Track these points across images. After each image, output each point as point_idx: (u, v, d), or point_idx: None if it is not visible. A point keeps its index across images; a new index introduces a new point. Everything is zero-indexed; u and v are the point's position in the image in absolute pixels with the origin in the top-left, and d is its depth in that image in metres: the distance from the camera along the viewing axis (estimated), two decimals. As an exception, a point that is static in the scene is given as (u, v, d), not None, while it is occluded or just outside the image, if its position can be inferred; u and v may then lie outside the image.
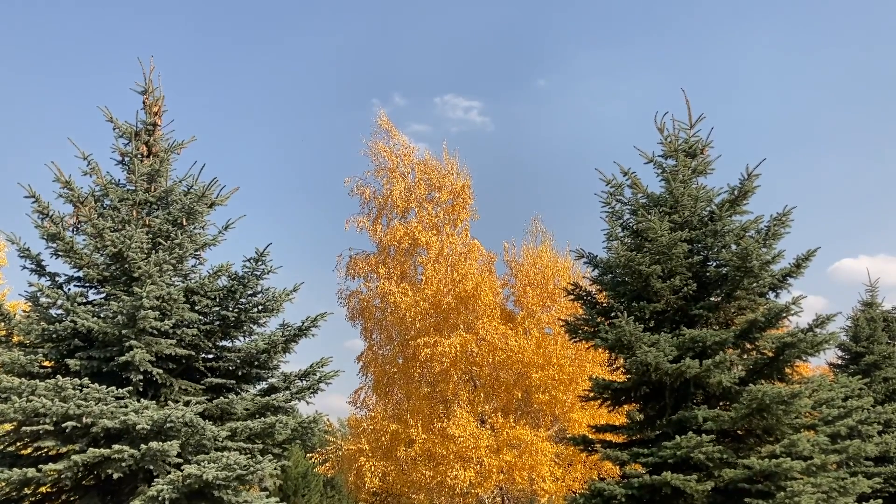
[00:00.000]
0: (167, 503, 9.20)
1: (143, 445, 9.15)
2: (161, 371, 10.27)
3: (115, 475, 9.31)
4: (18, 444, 10.20)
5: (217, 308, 11.20)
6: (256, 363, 11.22)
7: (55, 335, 10.26)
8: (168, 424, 9.33)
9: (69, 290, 11.03)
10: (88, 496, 9.93)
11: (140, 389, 10.17)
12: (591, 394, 13.05)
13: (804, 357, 11.88)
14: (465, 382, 21.90)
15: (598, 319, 12.77)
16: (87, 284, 11.12)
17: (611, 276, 12.83)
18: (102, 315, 10.31)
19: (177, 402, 10.18)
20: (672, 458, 10.80)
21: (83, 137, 11.97)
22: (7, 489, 9.51)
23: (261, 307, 11.31)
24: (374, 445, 21.51)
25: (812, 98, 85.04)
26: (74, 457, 9.13)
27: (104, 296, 10.88)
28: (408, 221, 22.96)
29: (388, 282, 22.26)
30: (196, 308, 10.91)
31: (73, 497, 10.31)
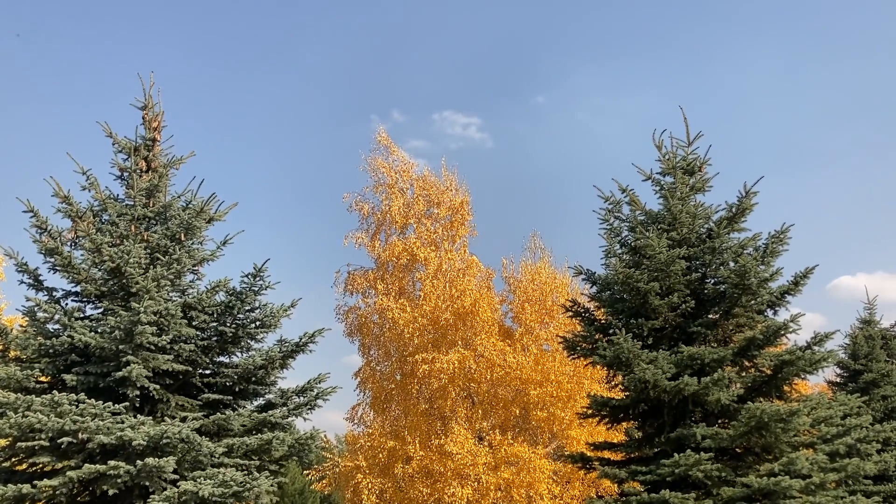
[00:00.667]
0: (162, 520, 9.15)
1: (139, 461, 9.10)
2: (158, 387, 10.23)
3: (111, 491, 9.25)
4: (14, 460, 10.14)
5: (214, 324, 11.19)
6: (254, 379, 11.19)
7: (52, 350, 10.24)
8: (164, 440, 9.28)
9: (67, 305, 11.01)
10: (83, 513, 9.88)
11: (137, 405, 10.13)
12: (590, 411, 13.01)
13: (802, 375, 11.87)
14: (463, 399, 21.82)
15: (597, 336, 12.76)
16: (85, 299, 11.11)
17: (609, 293, 12.84)
18: (100, 330, 10.28)
19: (173, 418, 10.14)
20: (670, 477, 10.76)
21: (82, 152, 12.00)
22: (2, 505, 9.45)
23: (258, 323, 11.30)
24: (372, 462, 21.39)
25: (810, 116, 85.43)
26: (70, 473, 9.08)
27: (101, 311, 10.87)
28: (406, 237, 22.96)
29: (387, 298, 22.24)
30: (194, 323, 10.89)
31: (68, 513, 10.24)
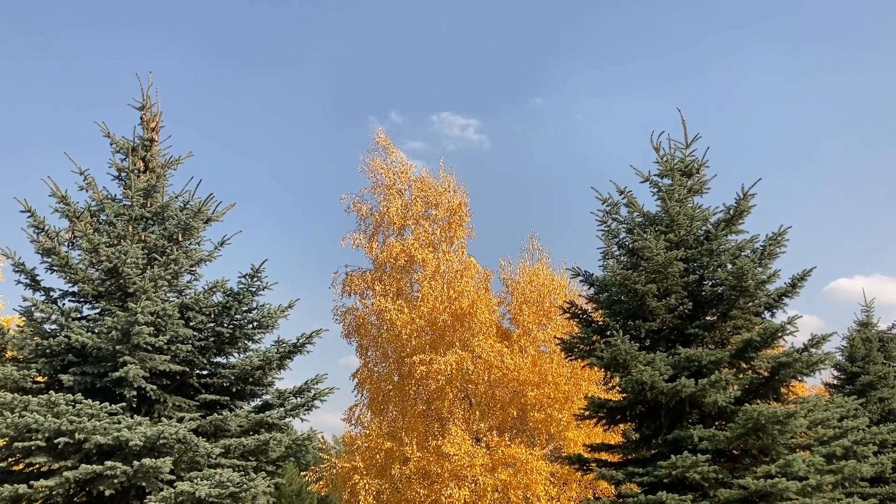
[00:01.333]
0: (159, 521, 9.14)
1: (136, 462, 9.09)
2: (155, 387, 10.22)
3: (107, 492, 9.24)
4: (10, 460, 10.12)
5: (212, 324, 11.18)
6: (251, 380, 11.18)
7: (49, 350, 10.23)
8: (161, 441, 9.27)
9: (64, 305, 11.00)
10: (80, 513, 9.86)
11: (133, 405, 10.12)
12: (587, 412, 13.01)
13: (800, 377, 11.89)
14: (461, 400, 21.82)
15: (594, 338, 12.77)
16: (82, 300, 11.10)
17: (606, 295, 12.84)
18: (97, 330, 10.27)
19: (170, 419, 10.14)
20: (667, 478, 10.76)
21: (80, 152, 11.97)
22: (-2, 506, 9.44)
23: (256, 323, 11.29)
24: (369, 463, 21.38)
25: (809, 119, 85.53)
26: (66, 473, 9.06)
27: (99, 311, 10.85)
28: (404, 238, 22.96)
29: (384, 299, 22.24)
30: (191, 324, 10.88)
31: (65, 514, 10.22)
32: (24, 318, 10.68)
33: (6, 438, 9.49)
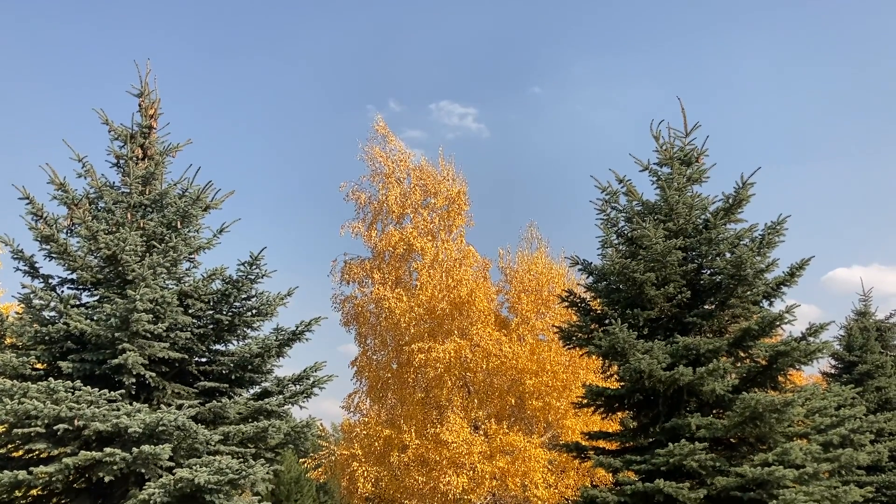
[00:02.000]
0: (158, 507, 9.17)
1: (135, 449, 9.11)
2: (154, 374, 10.24)
3: (107, 478, 9.26)
4: (10, 447, 10.14)
5: (211, 311, 11.18)
6: (250, 367, 11.19)
7: (48, 337, 10.23)
8: (160, 428, 9.29)
9: (62, 293, 11.00)
10: (79, 499, 9.89)
11: (132, 392, 10.14)
12: (585, 401, 13.05)
13: (797, 366, 11.92)
14: (459, 388, 21.87)
15: (592, 326, 12.80)
16: (81, 287, 11.09)
17: (605, 284, 12.85)
18: (95, 317, 10.28)
19: (169, 406, 10.15)
20: (665, 466, 10.81)
21: (78, 139, 11.95)
22: (-3, 492, 9.47)
23: (255, 311, 11.30)
24: (368, 451, 21.45)
25: (807, 108, 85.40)
26: (66, 459, 9.08)
27: (97, 298, 10.85)
28: (403, 227, 22.96)
29: (383, 287, 22.25)
30: (190, 311, 10.89)
31: (64, 500, 10.26)
32: (23, 305, 10.68)
33: (6, 425, 9.51)
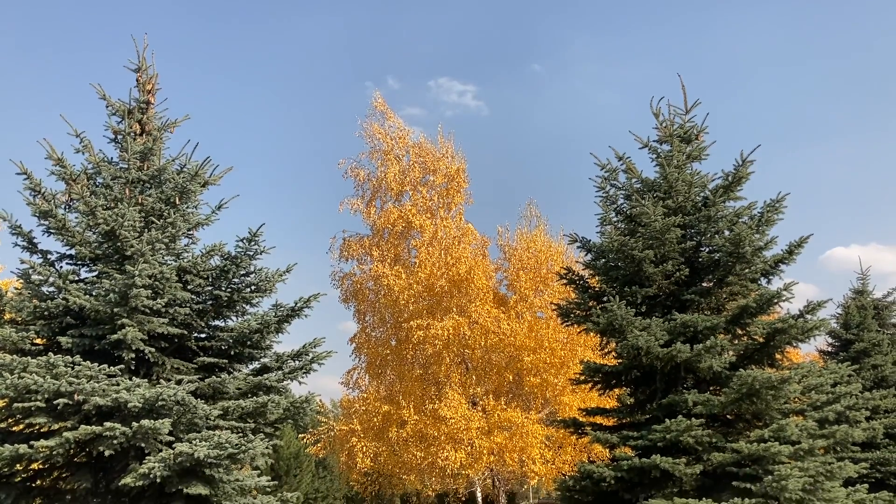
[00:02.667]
0: (158, 481, 9.23)
1: (135, 423, 9.15)
2: (153, 350, 10.26)
3: (107, 452, 9.31)
4: (10, 421, 10.18)
5: (210, 287, 11.19)
6: (249, 343, 11.21)
7: (47, 313, 10.24)
8: (160, 403, 9.33)
9: (61, 268, 10.99)
10: (80, 473, 9.95)
11: (132, 368, 10.16)
12: (582, 377, 13.10)
13: (794, 343, 11.95)
14: (458, 365, 21.98)
15: (590, 304, 12.82)
16: (80, 262, 11.08)
17: (604, 261, 12.86)
18: (94, 293, 10.28)
19: (169, 381, 10.18)
20: (661, 442, 10.88)
21: (76, 115, 11.88)
22: (-1, 465, 9.53)
23: (254, 287, 11.30)
24: (367, 426, 21.60)
25: (809, 87, 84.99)
26: (66, 434, 9.12)
27: (96, 274, 10.84)
28: (402, 204, 22.94)
29: (382, 264, 22.28)
30: (188, 287, 10.89)
31: (65, 474, 10.33)
32: (22, 281, 10.68)
33: (6, 399, 9.55)
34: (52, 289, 10.65)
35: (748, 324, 11.87)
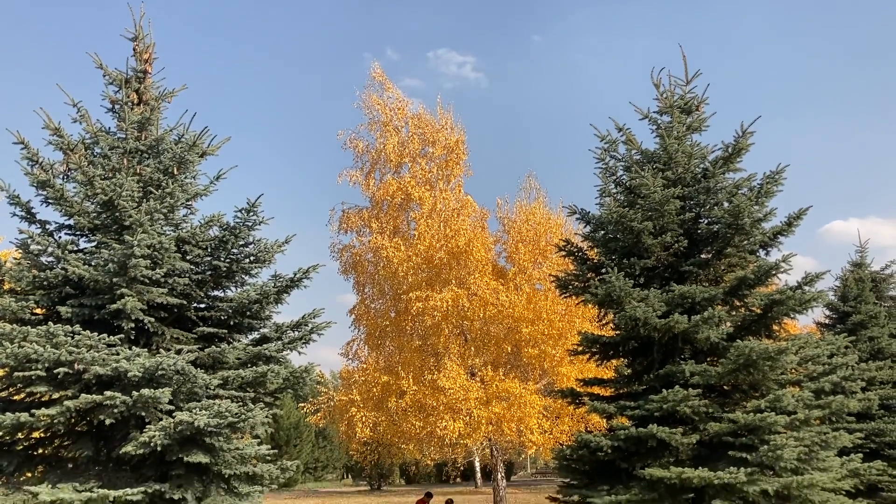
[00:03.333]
0: (159, 449, 9.32)
1: (135, 392, 9.21)
2: (153, 319, 10.30)
3: (108, 421, 9.39)
4: (11, 390, 10.26)
5: (209, 258, 11.19)
6: (248, 313, 11.25)
7: (46, 282, 10.26)
8: (160, 372, 9.38)
9: (60, 238, 10.99)
10: (81, 441, 10.04)
11: (132, 337, 10.21)
12: (580, 348, 13.18)
13: (792, 315, 12.00)
14: (456, 336, 22.06)
15: (589, 275, 12.85)
16: (78, 232, 11.08)
17: (602, 233, 12.86)
18: (93, 263, 10.28)
19: (168, 351, 10.24)
20: (658, 412, 10.97)
21: (73, 84, 11.80)
22: (0, 433, 9.60)
23: (253, 258, 11.31)
24: (366, 396, 21.74)
25: (810, 60, 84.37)
26: (67, 402, 9.19)
27: (95, 244, 10.85)
28: (401, 176, 22.86)
29: (381, 236, 22.27)
30: (188, 258, 10.90)
31: (66, 442, 10.42)
32: (21, 251, 10.68)
33: (6, 368, 9.60)
34: (51, 259, 10.65)
35: (746, 295, 11.91)
